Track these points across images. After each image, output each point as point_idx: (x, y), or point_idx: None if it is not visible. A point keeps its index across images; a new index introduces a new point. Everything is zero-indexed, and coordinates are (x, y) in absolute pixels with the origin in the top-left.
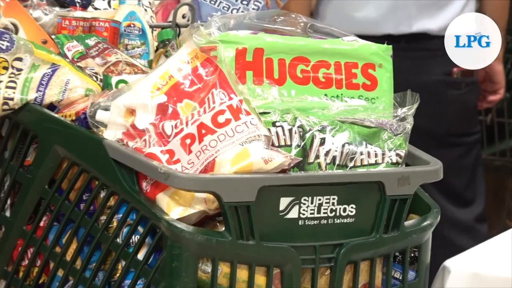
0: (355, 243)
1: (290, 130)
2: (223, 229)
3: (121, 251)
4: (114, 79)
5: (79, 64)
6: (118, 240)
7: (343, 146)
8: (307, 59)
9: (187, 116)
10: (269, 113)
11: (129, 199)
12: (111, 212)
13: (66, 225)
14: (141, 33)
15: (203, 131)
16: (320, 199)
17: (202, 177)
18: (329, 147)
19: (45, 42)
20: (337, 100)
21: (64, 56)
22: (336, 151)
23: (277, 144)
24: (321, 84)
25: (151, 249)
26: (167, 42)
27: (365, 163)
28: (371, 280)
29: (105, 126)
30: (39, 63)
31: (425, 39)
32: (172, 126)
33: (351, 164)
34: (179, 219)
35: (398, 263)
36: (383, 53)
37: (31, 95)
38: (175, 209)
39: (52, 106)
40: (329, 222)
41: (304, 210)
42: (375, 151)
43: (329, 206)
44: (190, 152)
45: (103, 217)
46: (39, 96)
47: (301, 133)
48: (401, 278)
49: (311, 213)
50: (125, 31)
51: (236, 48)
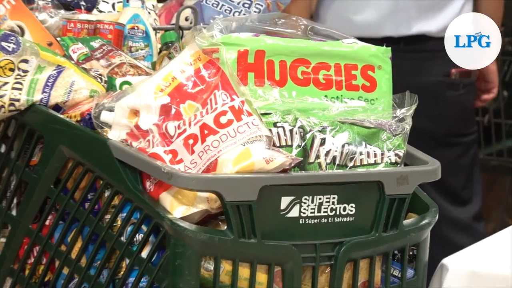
0: (355, 242)
1: (291, 131)
2: (225, 227)
3: (125, 249)
4: (118, 81)
5: (84, 65)
6: (122, 238)
7: (343, 146)
8: (308, 61)
9: (190, 117)
10: (270, 114)
11: (133, 198)
12: (115, 211)
13: (71, 223)
14: (144, 35)
15: (206, 132)
16: (320, 198)
17: (204, 176)
18: (329, 147)
19: (50, 44)
20: (337, 101)
21: (69, 58)
22: (336, 151)
23: (278, 145)
24: (321, 86)
25: (154, 247)
26: (170, 44)
27: (365, 163)
28: (371, 277)
29: (110, 126)
30: (44, 65)
31: (424, 40)
32: (175, 126)
33: (351, 164)
34: (182, 218)
35: (397, 261)
36: (382, 55)
37: (37, 96)
38: (178, 208)
39: (57, 107)
40: (329, 221)
41: (304, 209)
42: (374, 151)
43: (329, 205)
44: (193, 152)
45: (108, 216)
46: (45, 97)
47: (301, 133)
48: (400, 276)
49: (311, 212)
50: (129, 33)
51: (238, 50)
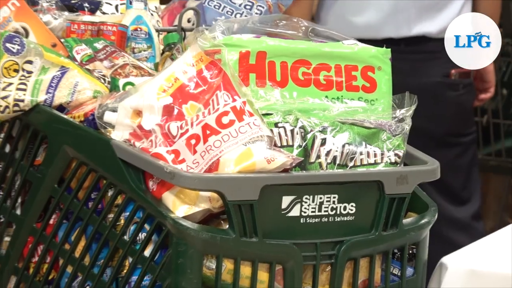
0: (355, 240)
1: (292, 131)
2: (227, 226)
3: (128, 248)
4: (121, 81)
5: (87, 66)
6: (125, 237)
7: (343, 146)
8: (309, 62)
9: (192, 117)
10: (271, 114)
11: (136, 197)
12: (118, 210)
13: (75, 223)
14: (147, 36)
15: (208, 132)
16: (321, 198)
17: (206, 176)
18: (329, 147)
19: (54, 46)
20: (338, 102)
21: (73, 59)
22: (336, 151)
23: (279, 145)
24: (322, 86)
25: (157, 246)
26: (172, 46)
27: (365, 162)
28: (371, 276)
29: (113, 127)
30: (48, 66)
31: (424, 41)
32: (177, 127)
33: (351, 164)
34: (184, 217)
35: (397, 259)
36: (382, 56)
37: (41, 97)
38: (180, 207)
39: (61, 108)
40: (330, 220)
41: (305, 208)
42: (374, 151)
43: (329, 205)
44: (195, 152)
45: (111, 215)
46: (49, 98)
47: (302, 133)
48: (399, 274)
49: (312, 211)
50: (132, 34)
51: (240, 51)
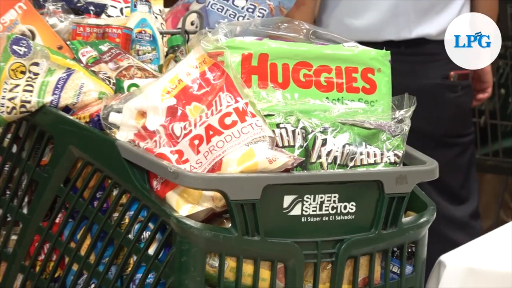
0: (355, 239)
1: (294, 132)
2: (230, 225)
3: (133, 246)
4: (126, 83)
5: (92, 68)
6: (130, 236)
7: (343, 146)
8: (310, 64)
9: (195, 118)
10: (273, 115)
11: (140, 197)
12: (123, 209)
13: (80, 221)
14: (151, 39)
15: (211, 132)
16: (322, 197)
17: (209, 176)
18: (330, 147)
19: (60, 48)
20: (338, 103)
21: (79, 61)
22: (337, 151)
23: (281, 145)
24: (323, 88)
25: (161, 244)
26: (176, 48)
27: (365, 162)
28: (371, 274)
29: (118, 127)
30: (55, 68)
31: (424, 43)
32: (181, 127)
33: (351, 164)
34: (188, 216)
35: (396, 258)
36: (381, 58)
37: (47, 98)
38: (184, 206)
39: (67, 109)
40: (331, 219)
41: (306, 207)
42: (374, 152)
43: (330, 204)
44: (198, 152)
45: (116, 214)
46: (55, 99)
47: (303, 134)
48: (399, 272)
49: (313, 211)
50: (136, 37)
51: (242, 53)
